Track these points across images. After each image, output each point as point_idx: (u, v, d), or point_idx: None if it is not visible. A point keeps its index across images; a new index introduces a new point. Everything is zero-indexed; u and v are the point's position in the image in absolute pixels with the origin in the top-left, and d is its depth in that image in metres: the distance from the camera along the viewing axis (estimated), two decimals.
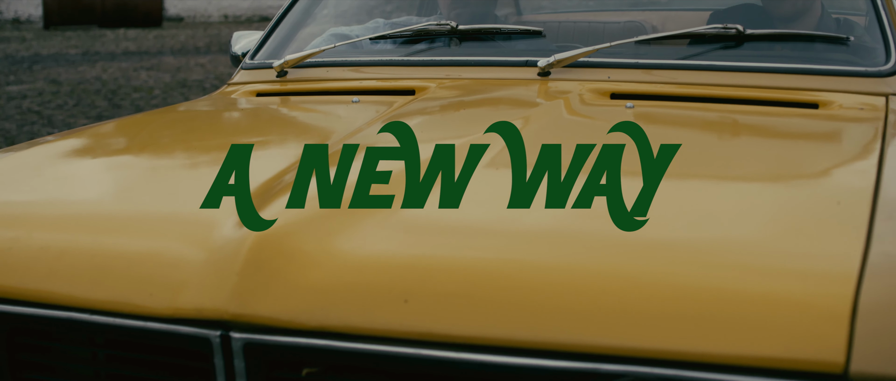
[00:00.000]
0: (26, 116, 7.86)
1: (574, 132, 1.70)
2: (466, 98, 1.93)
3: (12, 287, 1.28)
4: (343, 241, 1.19)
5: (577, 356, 1.06)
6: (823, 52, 2.08)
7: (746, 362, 1.02)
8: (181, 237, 1.26)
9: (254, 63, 2.37)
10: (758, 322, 1.03)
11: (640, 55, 2.07)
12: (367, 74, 2.22)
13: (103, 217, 1.38)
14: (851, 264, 1.08)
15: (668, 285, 1.08)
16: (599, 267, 1.13)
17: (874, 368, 0.99)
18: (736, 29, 2.03)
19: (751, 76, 1.96)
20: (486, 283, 1.11)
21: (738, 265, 1.11)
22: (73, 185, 1.57)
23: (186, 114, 2.13)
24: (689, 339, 1.04)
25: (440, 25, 2.27)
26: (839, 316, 1.01)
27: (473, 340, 1.09)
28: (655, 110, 1.85)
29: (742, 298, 1.06)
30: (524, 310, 1.09)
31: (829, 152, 1.65)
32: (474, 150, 1.47)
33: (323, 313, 1.13)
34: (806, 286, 1.06)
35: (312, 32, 2.53)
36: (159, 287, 1.20)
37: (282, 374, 1.16)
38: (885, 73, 1.94)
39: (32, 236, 1.32)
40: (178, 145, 1.84)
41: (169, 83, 10.34)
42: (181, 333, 1.18)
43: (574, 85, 1.95)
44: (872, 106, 1.83)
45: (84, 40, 17.83)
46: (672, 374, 1.04)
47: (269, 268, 1.16)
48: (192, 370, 1.21)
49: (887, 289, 1.04)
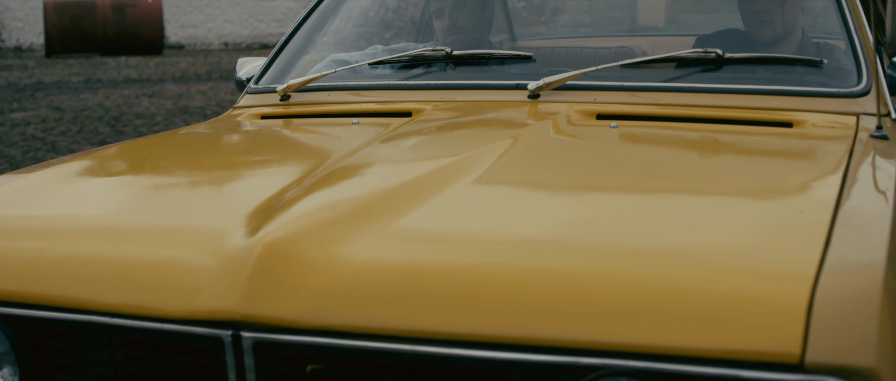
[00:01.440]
0: (31, 143, 7.97)
1: (560, 150, 1.81)
2: (460, 119, 2.03)
3: (38, 293, 1.38)
4: (343, 248, 1.30)
5: (558, 350, 1.16)
6: (799, 74, 2.19)
7: (713, 354, 1.12)
8: (194, 246, 1.36)
9: (258, 88, 2.48)
10: (723, 318, 1.13)
11: (626, 78, 2.18)
12: (366, 98, 2.33)
13: (121, 229, 1.49)
14: (809, 266, 1.18)
15: (642, 285, 1.19)
16: (578, 270, 1.23)
17: (827, 358, 1.09)
18: (715, 53, 2.14)
19: (730, 97, 2.07)
20: (473, 285, 1.22)
21: (706, 267, 1.22)
22: (92, 199, 1.67)
23: (196, 135, 2.24)
24: (660, 334, 1.14)
25: (435, 51, 2.38)
26: (796, 312, 1.12)
27: (462, 336, 1.19)
28: (638, 130, 1.96)
29: (709, 296, 1.16)
30: (508, 309, 1.19)
31: (798, 167, 1.75)
32: (463, 166, 1.58)
33: (325, 314, 1.23)
34: (767, 286, 1.16)
35: (314, 58, 2.64)
36: (175, 291, 1.30)
37: (288, 370, 1.26)
38: (857, 93, 2.04)
39: (56, 247, 1.43)
40: (189, 163, 1.95)
41: (170, 110, 10.46)
42: (195, 333, 1.28)
43: (562, 106, 2.06)
44: (844, 124, 1.94)
45: (86, 68, 17.98)
46: (645, 366, 1.14)
47: (276, 273, 1.26)
48: (204, 368, 1.31)
49: (840, 288, 1.14)
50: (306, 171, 1.65)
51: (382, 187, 1.49)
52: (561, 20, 10.21)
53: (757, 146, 1.89)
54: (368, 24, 2.92)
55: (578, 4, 8.73)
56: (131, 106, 10.90)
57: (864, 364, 1.08)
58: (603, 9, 11.61)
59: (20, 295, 1.39)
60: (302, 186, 1.52)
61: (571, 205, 1.53)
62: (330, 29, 2.77)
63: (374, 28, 3.00)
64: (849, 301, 1.12)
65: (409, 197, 1.45)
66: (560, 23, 9.99)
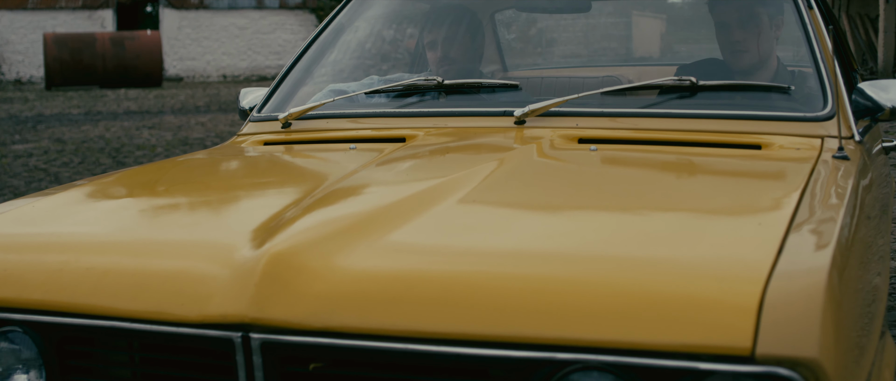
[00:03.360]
0: (33, 174, 8.11)
1: (542, 171, 1.95)
2: (450, 144, 2.18)
3: (63, 302, 1.51)
4: (341, 258, 1.43)
5: (536, 347, 1.30)
6: (768, 100, 2.33)
7: (675, 348, 1.26)
8: (206, 258, 1.50)
9: (261, 116, 2.63)
10: (684, 317, 1.27)
11: (606, 105, 2.33)
12: (362, 125, 2.47)
13: (138, 242, 1.63)
14: (761, 271, 1.31)
15: (612, 289, 1.32)
16: (554, 276, 1.37)
17: (775, 351, 1.23)
18: (690, 80, 2.29)
19: (703, 122, 2.21)
20: (459, 290, 1.35)
21: (670, 273, 1.36)
22: (110, 217, 1.81)
23: (204, 160, 2.39)
24: (628, 331, 1.28)
25: (428, 81, 2.53)
26: (748, 311, 1.25)
27: (450, 335, 1.32)
28: (616, 153, 2.10)
29: (672, 298, 1.29)
30: (491, 311, 1.32)
31: (762, 186, 1.90)
32: (451, 186, 1.72)
33: (326, 317, 1.37)
34: (723, 288, 1.30)
35: (313, 88, 2.78)
36: (189, 298, 1.44)
37: (293, 369, 1.40)
38: (822, 117, 2.19)
39: (79, 260, 1.56)
40: (200, 185, 2.10)
41: (171, 141, 10.61)
42: (208, 336, 1.41)
43: (546, 131, 2.20)
44: (809, 146, 2.08)
45: (86, 100, 18.15)
46: (614, 360, 1.28)
47: (281, 280, 1.40)
48: (216, 368, 1.44)
49: (788, 290, 1.28)
50: (307, 191, 1.79)
51: (376, 205, 1.63)
52: (557, 51, 10.34)
53: (726, 167, 2.03)
54: (365, 56, 3.07)
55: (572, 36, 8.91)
56: (132, 137, 11.05)
57: (808, 355, 1.21)
58: (599, 40, 11.78)
59: (46, 304, 1.52)
60: (303, 205, 1.66)
61: (549, 219, 1.67)
62: (328, 61, 2.92)
63: (372, 60, 3.15)
64: (795, 301, 1.26)
65: (401, 213, 1.59)
66: (557, 54, 10.14)
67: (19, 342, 1.55)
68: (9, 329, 1.55)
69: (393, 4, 3.12)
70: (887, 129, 9.53)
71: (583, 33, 13.81)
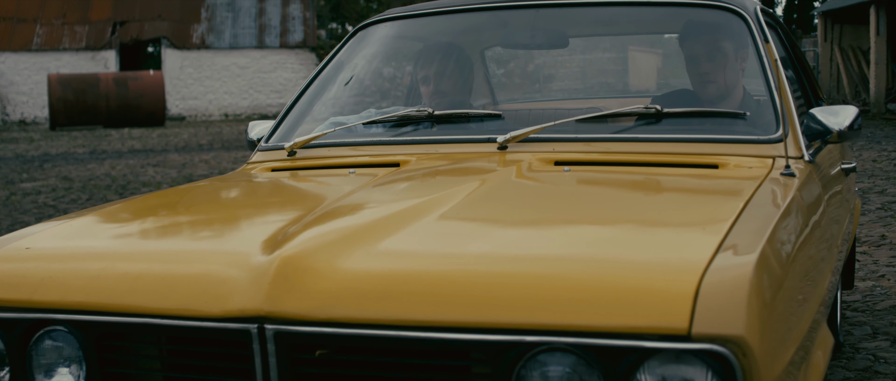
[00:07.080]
0: (43, 210, 8.36)
1: (519, 189, 2.20)
2: (439, 167, 2.43)
3: (101, 303, 1.75)
4: (342, 260, 1.68)
5: (509, 331, 1.54)
6: (727, 125, 2.59)
7: (624, 329, 1.49)
8: (226, 262, 1.74)
9: (268, 146, 2.89)
10: (633, 304, 1.51)
11: (581, 131, 2.58)
12: (361, 152, 2.73)
13: (166, 251, 1.88)
14: (699, 265, 1.55)
15: (573, 282, 1.57)
16: (523, 271, 1.61)
17: (707, 330, 1.46)
18: (655, 108, 2.54)
19: (667, 145, 2.46)
20: (442, 284, 1.60)
21: (623, 268, 1.60)
22: (139, 231, 2.06)
23: (218, 184, 2.65)
24: (586, 317, 1.52)
25: (420, 112, 2.79)
26: (686, 298, 1.49)
27: (435, 323, 1.56)
28: (587, 173, 2.35)
29: (623, 287, 1.53)
30: (470, 301, 1.56)
31: (713, 198, 2.14)
32: (437, 202, 1.97)
33: (330, 309, 1.61)
34: (666, 279, 1.54)
35: (315, 121, 3.05)
36: (212, 297, 1.67)
37: (302, 355, 1.63)
38: (773, 140, 2.44)
39: (115, 266, 1.81)
40: (217, 205, 2.35)
41: (176, 178, 10.86)
42: (228, 328, 1.65)
43: (526, 155, 2.45)
44: (761, 165, 2.33)
45: (90, 140, 18.44)
46: (574, 341, 1.51)
47: (292, 279, 1.64)
48: (235, 357, 1.68)
49: (719, 281, 1.52)
50: (311, 208, 2.03)
51: (372, 218, 1.88)
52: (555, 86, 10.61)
53: (684, 184, 2.28)
54: (365, 94, 3.34)
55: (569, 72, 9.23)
56: (137, 175, 11.31)
57: (736, 333, 1.45)
58: (595, 76, 12.14)
59: (87, 305, 1.76)
60: (308, 219, 1.90)
61: (521, 227, 1.92)
62: (328, 96, 3.18)
63: (372, 98, 3.42)
64: (725, 290, 1.50)
65: (393, 223, 1.83)
66: (554, 88, 10.40)
67: (62, 340, 1.78)
68: (53, 329, 1.78)
69: (388, 43, 3.39)
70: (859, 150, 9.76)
71: (580, 69, 14.09)
